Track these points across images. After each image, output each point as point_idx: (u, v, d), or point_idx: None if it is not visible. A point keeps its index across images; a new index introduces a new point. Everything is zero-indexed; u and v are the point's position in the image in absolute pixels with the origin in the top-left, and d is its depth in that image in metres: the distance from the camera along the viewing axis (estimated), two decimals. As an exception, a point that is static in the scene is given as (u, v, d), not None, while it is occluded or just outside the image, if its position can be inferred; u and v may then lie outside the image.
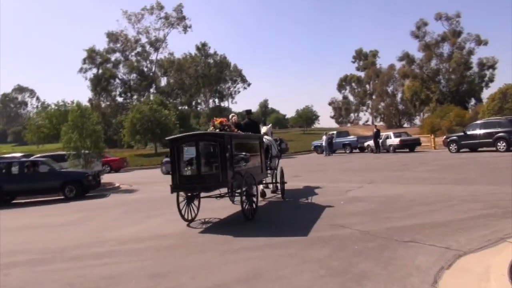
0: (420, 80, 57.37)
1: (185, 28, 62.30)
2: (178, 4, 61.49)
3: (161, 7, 60.97)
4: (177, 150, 7.17)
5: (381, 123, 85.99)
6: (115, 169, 27.51)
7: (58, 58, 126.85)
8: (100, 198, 13.33)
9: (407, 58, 58.04)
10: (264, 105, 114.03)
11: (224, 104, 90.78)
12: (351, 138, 29.29)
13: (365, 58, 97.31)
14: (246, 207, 7.22)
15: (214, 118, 8.89)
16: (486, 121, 19.31)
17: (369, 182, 11.34)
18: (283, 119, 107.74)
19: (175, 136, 7.75)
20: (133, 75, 65.51)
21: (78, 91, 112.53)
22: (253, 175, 7.79)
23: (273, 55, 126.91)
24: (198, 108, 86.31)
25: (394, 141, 24.10)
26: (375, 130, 25.50)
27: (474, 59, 54.94)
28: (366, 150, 26.72)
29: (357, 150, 28.40)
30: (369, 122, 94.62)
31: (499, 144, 17.58)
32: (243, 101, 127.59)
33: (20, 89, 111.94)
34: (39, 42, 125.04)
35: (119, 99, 66.28)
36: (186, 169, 7.42)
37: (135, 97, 63.83)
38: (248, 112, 10.24)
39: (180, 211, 7.40)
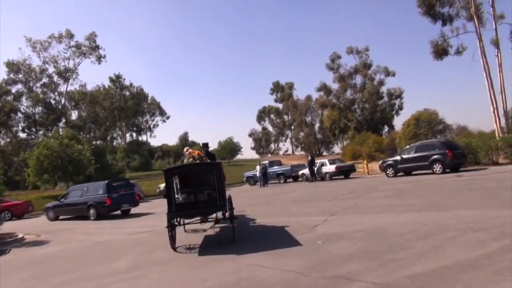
0: (338, 109, 59.85)
1: (99, 58, 58.26)
2: (91, 32, 57.57)
3: (71, 36, 56.48)
4: (172, 180, 7.68)
5: (302, 152, 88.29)
6: (17, 216, 23.35)
7: None
8: (-4, 257, 10.28)
9: (324, 88, 60.46)
10: (184, 138, 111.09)
11: (142, 138, 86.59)
12: (285, 167, 28.48)
13: (282, 90, 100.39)
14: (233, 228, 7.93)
15: (189, 150, 9.31)
16: (421, 144, 19.63)
17: (330, 213, 10.08)
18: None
19: (172, 167, 8.88)
20: (39, 108, 59.26)
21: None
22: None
23: (191, 88, 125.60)
24: (114, 143, 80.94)
25: (330, 168, 23.67)
26: (309, 158, 24.96)
27: (384, 89, 58.92)
28: (301, 179, 25.99)
29: (291, 180, 27.60)
30: (289, 152, 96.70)
31: (435, 166, 17.77)
32: (162, 135, 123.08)
33: None
34: None
35: (22, 135, 59.26)
36: (180, 197, 7.89)
37: (41, 132, 57.47)
38: (205, 145, 10.54)
39: (171, 240, 7.79)
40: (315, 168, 24.27)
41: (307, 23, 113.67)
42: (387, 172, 19.93)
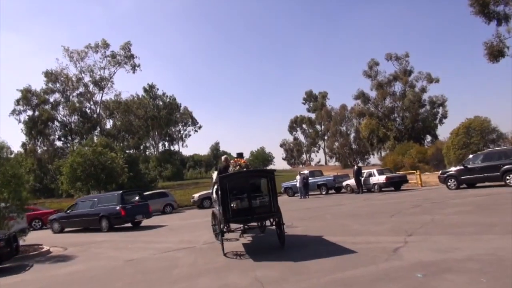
0: (376, 118, 57.18)
1: (134, 67, 58.34)
2: (126, 42, 57.77)
3: (106, 45, 56.89)
4: (226, 187, 7.90)
5: (336, 163, 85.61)
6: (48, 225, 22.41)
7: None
8: (13, 275, 8.94)
9: (362, 96, 57.96)
10: (215, 148, 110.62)
11: (174, 147, 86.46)
12: (327, 177, 26.44)
13: (315, 99, 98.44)
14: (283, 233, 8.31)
15: (235, 159, 9.59)
16: (489, 153, 17.26)
17: (406, 233, 8.17)
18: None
19: (228, 173, 8.59)
20: (75, 117, 59.82)
21: (11, 136, 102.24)
22: None
23: (222, 98, 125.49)
24: (147, 152, 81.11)
25: (379, 179, 21.50)
26: (356, 167, 22.86)
27: (425, 97, 55.82)
28: (345, 191, 23.92)
29: (333, 191, 25.57)
30: (322, 163, 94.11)
31: (508, 177, 15.39)
32: (193, 145, 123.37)
33: None
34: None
35: (58, 144, 59.94)
36: (234, 203, 7.96)
37: (76, 140, 57.90)
38: (240, 155, 10.66)
39: (222, 245, 8.16)
40: (362, 179, 22.18)
41: (341, 31, 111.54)
42: (448, 183, 17.63)
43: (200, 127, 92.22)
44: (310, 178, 24.98)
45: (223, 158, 10.66)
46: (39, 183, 53.85)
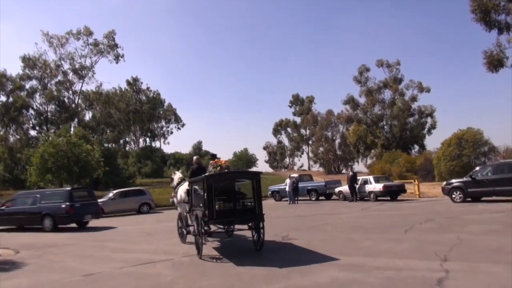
0: (365, 124, 56.17)
1: (117, 58, 55.76)
2: (110, 30, 55.18)
3: (89, 33, 54.15)
4: (212, 187, 7.61)
5: (320, 168, 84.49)
6: None
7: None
8: None
9: (352, 102, 56.83)
10: (197, 147, 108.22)
11: (156, 144, 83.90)
12: (318, 182, 24.89)
13: (301, 104, 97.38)
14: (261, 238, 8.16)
15: (217, 159, 9.26)
16: (500, 164, 15.94)
17: (439, 257, 6.55)
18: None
19: (214, 173, 8.28)
20: (51, 106, 56.88)
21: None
22: None
23: (207, 97, 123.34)
24: (127, 148, 78.35)
25: (375, 187, 19.99)
26: (350, 173, 21.30)
27: (415, 106, 55.08)
28: (337, 198, 22.37)
29: (323, 198, 24.01)
30: (305, 167, 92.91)
31: (524, 192, 14.07)
32: (175, 142, 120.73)
33: None
34: None
35: (32, 133, 56.89)
36: (217, 204, 7.81)
37: (52, 131, 54.98)
38: (214, 156, 10.64)
39: (201, 247, 7.96)
40: (357, 186, 20.67)
41: (331, 36, 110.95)
42: (453, 196, 16.23)
43: (183, 125, 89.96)
44: (300, 183, 23.35)
45: (194, 158, 10.79)
46: (9, 173, 50.74)
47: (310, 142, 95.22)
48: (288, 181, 22.76)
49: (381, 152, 51.48)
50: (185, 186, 10.08)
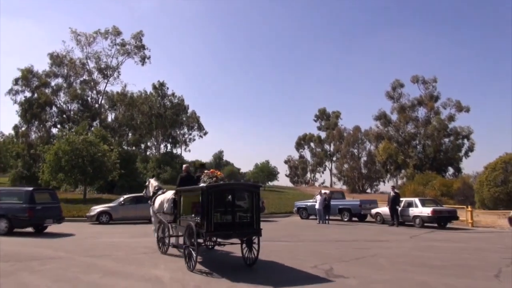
0: (396, 143, 53.07)
1: (143, 59, 54.73)
2: (138, 31, 54.33)
3: (117, 33, 53.40)
4: (212, 198, 7.37)
5: (344, 186, 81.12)
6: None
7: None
8: None
9: (383, 118, 53.91)
10: (218, 157, 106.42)
11: (177, 151, 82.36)
12: (351, 201, 22.22)
13: (327, 118, 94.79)
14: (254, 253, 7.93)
15: (212, 170, 8.89)
16: None
17: None
18: (238, 173, 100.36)
19: (216, 183, 7.98)
20: (75, 105, 56.07)
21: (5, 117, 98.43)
22: None
23: (231, 106, 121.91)
24: (148, 153, 77.12)
25: (422, 211, 17.22)
26: (392, 194, 18.56)
27: (452, 126, 51.70)
28: (374, 220, 19.68)
29: (355, 219, 21.33)
30: (326, 184, 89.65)
31: None
32: (197, 150, 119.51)
33: None
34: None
35: (54, 131, 56.07)
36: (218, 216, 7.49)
37: (73, 130, 54.13)
38: (202, 165, 10.92)
39: (195, 259, 7.45)
40: (399, 209, 17.96)
41: (362, 51, 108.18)
42: (524, 229, 13.41)
43: (205, 133, 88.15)
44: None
45: (184, 166, 10.57)
46: (27, 170, 49.76)
47: (334, 158, 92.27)
48: (318, 197, 20.19)
49: (413, 173, 48.26)
50: (167, 195, 9.89)
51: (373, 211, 19.93)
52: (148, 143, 79.09)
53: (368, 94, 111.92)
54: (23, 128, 53.45)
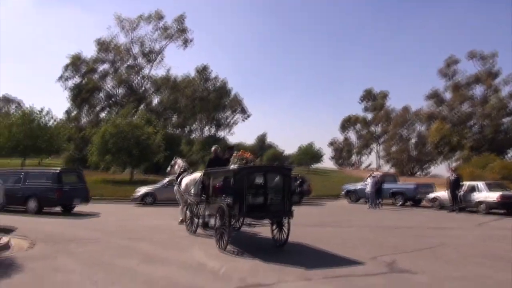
0: (449, 123, 49.78)
1: (185, 42, 54.76)
2: (180, 14, 54.18)
3: (160, 17, 53.63)
4: (245, 180, 7.51)
5: (392, 169, 78.12)
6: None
7: (46, 65, 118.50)
8: None
9: (436, 97, 50.66)
10: (262, 139, 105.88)
11: (220, 134, 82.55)
12: (406, 185, 20.75)
13: (374, 99, 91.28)
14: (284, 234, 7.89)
15: (242, 151, 8.90)
16: None
17: None
18: (281, 155, 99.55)
19: (249, 165, 8.12)
20: (121, 90, 57.33)
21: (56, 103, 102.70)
22: None
23: (274, 88, 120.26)
24: (192, 136, 77.92)
25: (488, 196, 15.56)
26: (453, 176, 16.95)
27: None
28: (432, 205, 18.21)
29: (408, 203, 19.90)
30: (373, 166, 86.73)
31: None
32: (240, 133, 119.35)
33: (7, 100, 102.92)
34: (26, 47, 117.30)
35: (102, 115, 57.77)
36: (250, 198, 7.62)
37: (119, 113, 55.50)
38: (231, 148, 10.32)
39: (228, 240, 7.40)
40: (461, 193, 16.38)
41: (411, 27, 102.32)
42: None
43: (248, 116, 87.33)
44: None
45: (213, 148, 10.50)
46: (79, 152, 51.72)
47: (381, 140, 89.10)
48: (369, 180, 18.92)
49: (469, 155, 45.06)
50: (195, 176, 10.00)
51: (430, 195, 18.40)
52: (193, 126, 79.95)
53: (418, 73, 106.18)
54: (74, 113, 55.43)
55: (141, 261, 6.72)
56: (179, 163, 11.42)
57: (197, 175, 9.94)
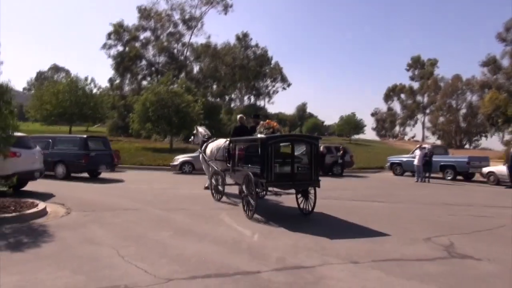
0: (506, 92, 46.21)
1: (226, 8, 53.79)
2: (221, -22, 52.93)
3: (200, -18, 52.70)
4: (272, 149, 7.37)
5: (438, 141, 74.76)
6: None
7: (89, 33, 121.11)
8: None
9: (493, 64, 46.95)
10: (302, 109, 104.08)
11: (260, 103, 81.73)
12: (457, 157, 19.37)
13: (421, 67, 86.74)
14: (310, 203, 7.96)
15: (268, 120, 8.72)
16: None
17: None
18: (322, 125, 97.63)
19: (274, 135, 7.90)
20: (162, 58, 57.57)
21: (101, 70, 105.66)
22: None
23: (315, 57, 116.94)
24: (232, 105, 77.71)
25: (555, 172, 14.12)
26: (512, 150, 15.56)
27: None
28: (486, 180, 16.87)
29: (460, 177, 18.58)
30: (417, 138, 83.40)
31: None
32: (280, 102, 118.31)
33: (56, 69, 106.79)
34: (73, 18, 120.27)
35: (144, 83, 58.58)
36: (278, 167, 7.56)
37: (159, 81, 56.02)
38: (257, 116, 10.07)
39: (254, 207, 7.41)
40: (520, 168, 14.96)
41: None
42: None
43: (289, 85, 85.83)
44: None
45: (238, 117, 10.53)
46: (122, 120, 52.93)
47: (428, 111, 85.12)
48: (418, 152, 17.70)
49: (526, 127, 41.91)
50: (219, 142, 10.10)
51: (485, 169, 17.02)
52: (232, 95, 79.60)
53: (472, 39, 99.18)
54: (117, 81, 56.49)
55: (174, 234, 6.36)
56: (201, 131, 11.55)
57: (222, 141, 10.11)
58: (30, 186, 10.87)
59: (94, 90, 36.67)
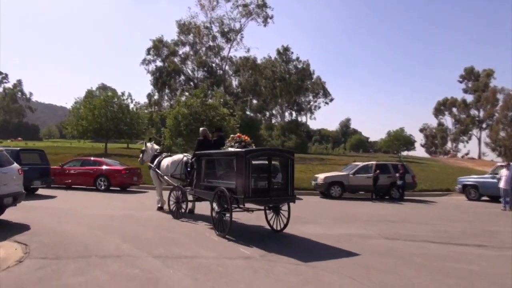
0: None
1: (266, 19, 51.74)
2: (259, -11, 51.23)
3: (239, -6, 51.22)
4: (250, 163, 7.10)
5: (499, 158, 68.23)
6: (118, 185, 16.73)
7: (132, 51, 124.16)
8: None
9: None
10: (345, 125, 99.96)
11: (302, 118, 78.64)
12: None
13: (476, 79, 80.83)
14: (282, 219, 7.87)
15: (239, 134, 8.48)
16: None
17: None
18: (367, 141, 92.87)
19: (252, 149, 7.75)
20: (200, 72, 56.39)
21: (140, 86, 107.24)
22: None
23: (359, 71, 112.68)
24: (273, 121, 75.25)
25: None
26: None
27: None
28: None
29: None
30: (472, 155, 76.81)
31: None
32: (322, 118, 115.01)
33: (103, 88, 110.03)
34: (117, 39, 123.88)
35: (183, 98, 57.60)
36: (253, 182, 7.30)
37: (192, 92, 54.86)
38: (219, 129, 10.03)
39: (228, 225, 7.14)
40: None
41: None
42: None
43: (331, 100, 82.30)
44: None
45: (201, 130, 9.99)
46: (160, 136, 51.92)
47: (485, 125, 78.68)
48: (505, 172, 13.90)
49: None
50: (178, 157, 10.00)
51: None
52: (273, 111, 77.24)
53: None
54: (155, 96, 55.89)
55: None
56: (150, 146, 11.15)
57: (179, 156, 10.00)
58: (7, 213, 8.53)
59: (131, 106, 35.65)
